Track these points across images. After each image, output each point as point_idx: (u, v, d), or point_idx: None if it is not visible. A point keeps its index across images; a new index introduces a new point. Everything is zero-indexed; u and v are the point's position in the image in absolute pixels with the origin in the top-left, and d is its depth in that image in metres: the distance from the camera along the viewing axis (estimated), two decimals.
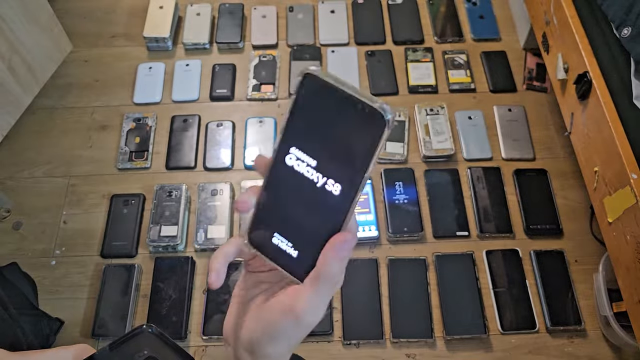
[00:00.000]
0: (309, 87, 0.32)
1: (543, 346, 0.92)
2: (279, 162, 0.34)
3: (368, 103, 0.31)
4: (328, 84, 0.32)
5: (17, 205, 1.06)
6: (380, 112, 0.30)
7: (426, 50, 1.24)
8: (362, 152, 0.32)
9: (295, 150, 0.33)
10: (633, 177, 0.73)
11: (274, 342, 0.34)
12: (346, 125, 0.32)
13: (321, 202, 0.34)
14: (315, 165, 0.33)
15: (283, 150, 0.34)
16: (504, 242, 1.01)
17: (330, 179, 0.33)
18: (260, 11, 1.31)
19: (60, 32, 1.22)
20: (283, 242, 0.36)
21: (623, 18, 0.79)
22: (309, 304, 0.33)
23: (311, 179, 0.33)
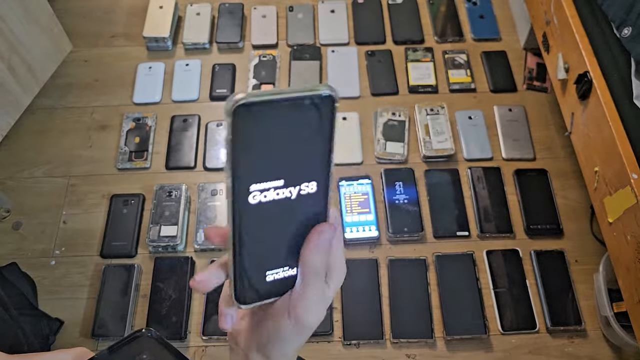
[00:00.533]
0: (242, 116, 0.28)
1: (543, 346, 0.92)
2: (243, 207, 0.31)
3: (306, 94, 0.29)
4: (259, 102, 0.29)
5: (17, 205, 1.06)
6: (320, 94, 0.30)
7: (426, 50, 1.24)
8: (322, 140, 0.31)
9: (255, 186, 0.31)
10: (633, 177, 0.73)
11: (280, 346, 0.34)
12: (296, 126, 0.30)
13: (300, 209, 0.33)
14: (284, 184, 0.31)
15: (242, 194, 0.31)
16: (504, 242, 1.01)
17: (302, 184, 0.32)
18: (260, 11, 1.31)
19: (60, 32, 1.22)
20: (278, 272, 0.35)
21: (623, 18, 0.79)
22: (304, 304, 0.33)
23: (284, 197, 0.32)
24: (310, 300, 0.33)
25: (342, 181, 1.05)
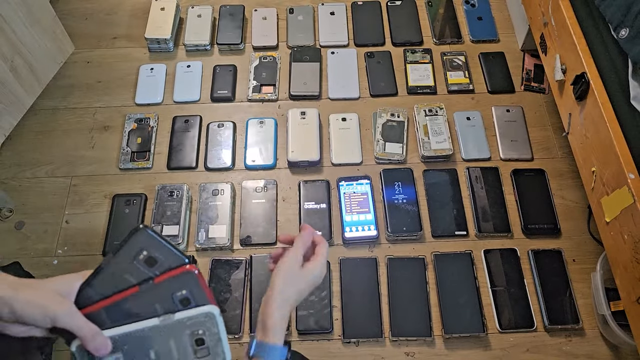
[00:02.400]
0: None
1: (541, 345, 0.92)
2: None
3: None
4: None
5: (20, 205, 1.07)
6: None
7: (425, 51, 1.25)
8: None
9: None
10: (630, 177, 0.74)
11: None
12: None
13: None
14: None
15: None
16: (502, 241, 1.02)
17: None
18: (260, 13, 1.32)
19: (62, 34, 1.23)
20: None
21: (621, 19, 0.80)
22: None
23: None
24: None
25: (341, 181, 1.06)
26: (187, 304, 0.46)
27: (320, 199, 1.05)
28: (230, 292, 0.96)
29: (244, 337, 0.93)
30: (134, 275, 0.46)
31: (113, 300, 0.46)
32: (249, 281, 0.97)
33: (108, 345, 0.45)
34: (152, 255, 0.47)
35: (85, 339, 0.44)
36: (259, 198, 1.06)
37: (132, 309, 0.46)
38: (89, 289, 0.46)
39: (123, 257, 0.46)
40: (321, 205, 1.04)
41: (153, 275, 0.46)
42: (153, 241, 0.47)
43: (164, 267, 0.46)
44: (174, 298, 0.46)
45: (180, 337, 0.46)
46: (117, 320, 0.46)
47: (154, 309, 0.46)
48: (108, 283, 0.46)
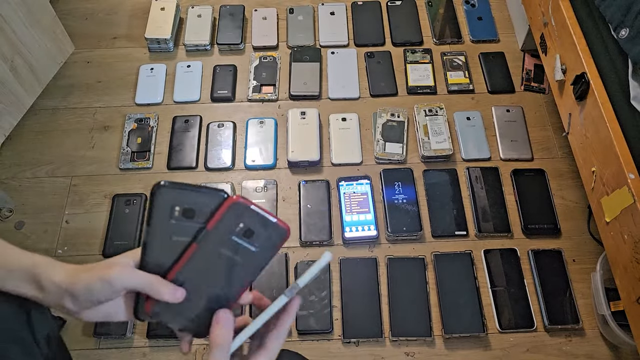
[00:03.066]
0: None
1: (541, 345, 0.92)
2: None
3: None
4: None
5: (20, 205, 1.07)
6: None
7: (425, 51, 1.25)
8: None
9: None
10: (630, 177, 0.74)
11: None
12: None
13: None
14: None
15: None
16: (502, 241, 1.02)
17: None
18: (260, 13, 1.32)
19: (62, 34, 1.23)
20: None
21: (621, 19, 0.80)
22: None
23: None
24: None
25: (341, 181, 1.06)
26: (251, 234, 0.43)
27: (320, 199, 1.05)
28: None
29: None
30: (182, 233, 0.43)
31: (179, 267, 0.44)
32: None
33: (182, 292, 0.44)
34: (186, 206, 0.43)
35: (157, 287, 0.43)
36: (259, 198, 1.06)
37: (201, 267, 0.44)
38: (147, 269, 0.44)
39: (158, 222, 0.43)
40: (321, 206, 1.04)
41: (201, 224, 0.43)
42: (178, 193, 0.43)
43: (206, 211, 0.43)
44: (235, 236, 0.43)
45: None
46: (194, 285, 0.44)
47: (221, 255, 0.43)
48: (162, 254, 0.44)
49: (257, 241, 0.43)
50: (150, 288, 0.43)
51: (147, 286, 0.43)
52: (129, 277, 0.43)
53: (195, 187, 0.43)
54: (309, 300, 0.94)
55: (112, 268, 0.43)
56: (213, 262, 0.44)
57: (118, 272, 0.43)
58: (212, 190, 0.43)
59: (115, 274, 0.42)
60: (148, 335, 0.92)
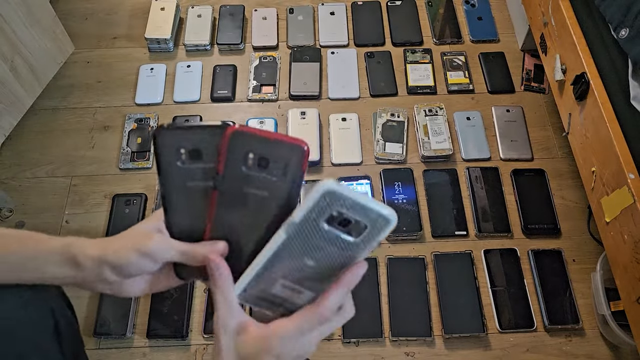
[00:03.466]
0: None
1: (541, 345, 0.92)
2: None
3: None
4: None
5: (20, 205, 1.07)
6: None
7: (425, 51, 1.25)
8: None
9: None
10: (630, 177, 0.74)
11: None
12: None
13: None
14: None
15: None
16: (502, 241, 1.02)
17: None
18: (260, 13, 1.32)
19: (62, 34, 1.23)
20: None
21: (621, 19, 0.80)
22: (284, 335, 0.40)
23: None
24: (293, 329, 0.39)
25: (341, 181, 1.06)
26: (266, 163, 0.38)
27: None
28: None
29: None
30: (196, 178, 0.40)
31: (210, 222, 0.41)
32: None
33: (220, 245, 0.41)
34: (191, 147, 0.39)
35: (194, 255, 0.41)
36: None
37: (231, 213, 0.40)
38: (174, 226, 0.41)
39: (167, 168, 0.40)
40: None
41: (212, 165, 0.39)
42: (181, 135, 0.39)
43: (212, 149, 0.39)
44: (251, 170, 0.38)
45: (319, 231, 0.37)
46: (233, 234, 0.41)
47: (245, 194, 0.39)
48: (182, 203, 0.41)
49: (275, 169, 0.38)
50: (190, 258, 0.41)
51: (186, 256, 0.41)
52: (167, 249, 0.41)
53: (195, 125, 0.40)
54: None
55: (148, 239, 0.41)
56: (241, 205, 0.40)
57: (157, 244, 0.41)
58: (212, 125, 0.39)
59: (154, 245, 0.40)
60: (148, 335, 0.92)
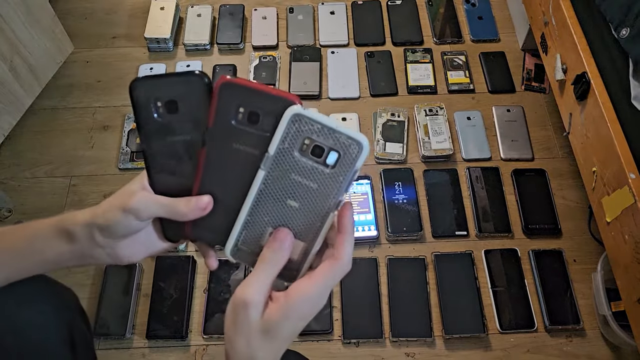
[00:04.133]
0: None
1: (542, 345, 0.92)
2: None
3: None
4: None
5: (19, 205, 1.06)
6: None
7: (425, 51, 1.25)
8: None
9: None
10: (631, 177, 0.74)
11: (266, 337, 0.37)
12: None
13: None
14: None
15: None
16: (503, 241, 1.02)
17: None
18: (260, 12, 1.32)
19: (61, 33, 1.22)
20: None
21: (621, 18, 0.80)
22: (304, 295, 0.37)
23: None
24: (312, 293, 0.37)
25: None
26: (257, 119, 0.37)
27: None
28: (230, 292, 0.95)
29: None
30: (176, 132, 0.39)
31: (198, 179, 0.40)
32: None
33: (204, 198, 0.40)
34: (168, 99, 0.38)
35: (176, 208, 0.40)
36: None
37: (221, 170, 0.39)
38: (157, 183, 0.41)
39: (145, 123, 0.39)
40: None
41: (190, 116, 0.38)
42: (156, 85, 0.38)
43: (188, 99, 0.38)
44: (242, 125, 0.37)
45: (294, 163, 0.37)
46: (225, 194, 0.40)
47: (235, 150, 0.38)
48: (164, 157, 0.40)
49: (266, 125, 0.37)
50: (172, 211, 0.41)
51: (169, 210, 0.41)
52: (149, 203, 0.41)
53: (170, 75, 0.39)
54: None
55: (131, 196, 0.40)
56: (230, 161, 0.39)
57: (138, 200, 0.40)
58: (188, 74, 0.38)
59: (136, 202, 0.40)
60: (147, 336, 0.92)
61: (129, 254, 0.43)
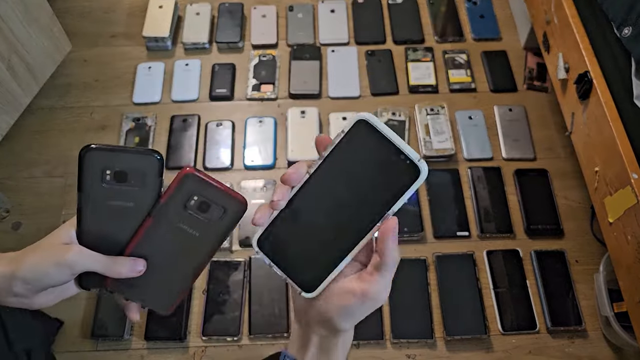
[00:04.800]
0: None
1: (544, 346, 0.91)
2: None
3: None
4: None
5: (17, 206, 1.06)
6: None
7: (426, 49, 1.24)
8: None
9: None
10: (634, 177, 0.73)
11: (346, 320, 0.41)
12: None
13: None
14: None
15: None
16: (505, 242, 1.01)
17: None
18: (260, 10, 1.31)
19: (59, 32, 1.22)
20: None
21: (624, 18, 0.79)
22: (379, 288, 0.39)
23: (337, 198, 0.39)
24: (385, 284, 0.40)
25: None
26: (206, 208, 0.42)
27: None
28: (229, 293, 0.95)
29: (242, 339, 0.92)
30: (118, 198, 0.42)
31: (135, 242, 0.43)
32: (248, 282, 0.96)
33: (141, 262, 0.43)
34: (118, 169, 0.41)
35: (113, 266, 0.42)
36: (258, 199, 1.05)
37: (158, 241, 0.43)
38: (88, 238, 0.42)
39: (90, 186, 0.42)
40: None
41: (136, 188, 0.42)
42: (108, 155, 0.41)
43: (139, 173, 0.41)
44: (191, 210, 0.42)
45: None
46: (153, 260, 0.43)
47: (177, 229, 0.42)
48: (98, 220, 0.42)
49: (213, 215, 0.42)
50: (108, 269, 0.42)
51: (105, 267, 0.42)
52: (86, 259, 0.42)
53: (126, 148, 0.42)
54: None
55: (68, 251, 0.41)
56: (170, 237, 0.43)
57: (76, 255, 0.41)
58: (143, 151, 0.42)
59: (73, 257, 0.41)
60: (146, 337, 0.91)
61: (44, 302, 0.43)
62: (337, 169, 0.38)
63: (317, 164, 0.39)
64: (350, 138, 0.38)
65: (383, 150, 0.37)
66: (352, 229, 0.39)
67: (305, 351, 0.43)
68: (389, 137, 0.37)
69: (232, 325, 0.92)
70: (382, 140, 0.37)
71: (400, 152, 0.36)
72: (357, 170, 0.38)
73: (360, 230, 0.39)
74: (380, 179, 0.38)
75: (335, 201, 0.39)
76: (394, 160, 0.37)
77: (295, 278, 0.41)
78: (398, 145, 0.36)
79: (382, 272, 0.39)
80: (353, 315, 0.40)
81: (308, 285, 0.41)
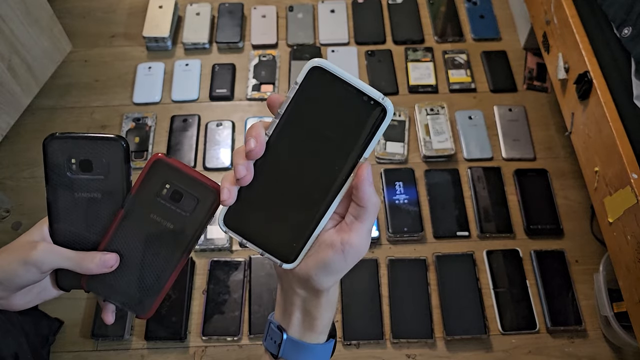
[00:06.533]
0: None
1: (543, 346, 0.91)
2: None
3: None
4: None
5: (17, 206, 1.06)
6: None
7: (426, 49, 1.24)
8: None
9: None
10: (633, 177, 0.73)
11: (326, 276, 0.38)
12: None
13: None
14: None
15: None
16: (505, 242, 1.01)
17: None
18: (260, 11, 1.31)
19: (59, 32, 1.22)
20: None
21: (623, 18, 0.79)
22: (361, 236, 0.37)
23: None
24: (365, 233, 0.37)
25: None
26: (179, 197, 0.39)
27: None
28: (229, 293, 0.95)
29: (243, 339, 0.92)
30: (84, 189, 0.40)
31: (108, 237, 0.41)
32: (248, 282, 0.96)
33: (111, 256, 0.41)
34: (82, 158, 0.40)
35: (82, 262, 0.40)
36: None
37: (132, 235, 0.41)
38: (59, 234, 0.41)
39: (55, 177, 0.40)
40: None
41: (101, 177, 0.40)
42: (72, 144, 0.40)
43: (103, 161, 0.39)
44: (163, 199, 0.40)
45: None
46: (129, 256, 0.41)
47: (150, 220, 0.40)
48: (69, 213, 0.41)
49: (187, 205, 0.40)
50: (77, 265, 0.41)
51: (74, 263, 0.41)
52: (54, 256, 0.40)
53: (90, 136, 0.40)
54: None
55: (34, 248, 0.40)
56: (143, 230, 0.41)
57: (42, 252, 0.40)
58: (108, 137, 0.40)
59: (40, 254, 0.40)
60: (146, 337, 0.91)
61: (23, 303, 0.43)
62: (298, 125, 0.35)
63: (275, 123, 0.36)
64: (306, 88, 0.35)
65: (344, 95, 0.34)
66: (324, 187, 0.36)
67: (290, 316, 0.41)
68: (348, 80, 0.34)
69: (232, 325, 0.92)
70: (341, 84, 0.34)
71: (362, 94, 0.34)
72: (319, 122, 0.35)
73: (333, 185, 0.36)
74: (345, 126, 0.35)
75: (302, 160, 0.36)
76: (357, 104, 0.34)
77: (273, 251, 0.39)
78: (359, 87, 0.34)
79: (363, 219, 0.37)
80: (333, 270, 0.38)
81: (287, 255, 0.39)
